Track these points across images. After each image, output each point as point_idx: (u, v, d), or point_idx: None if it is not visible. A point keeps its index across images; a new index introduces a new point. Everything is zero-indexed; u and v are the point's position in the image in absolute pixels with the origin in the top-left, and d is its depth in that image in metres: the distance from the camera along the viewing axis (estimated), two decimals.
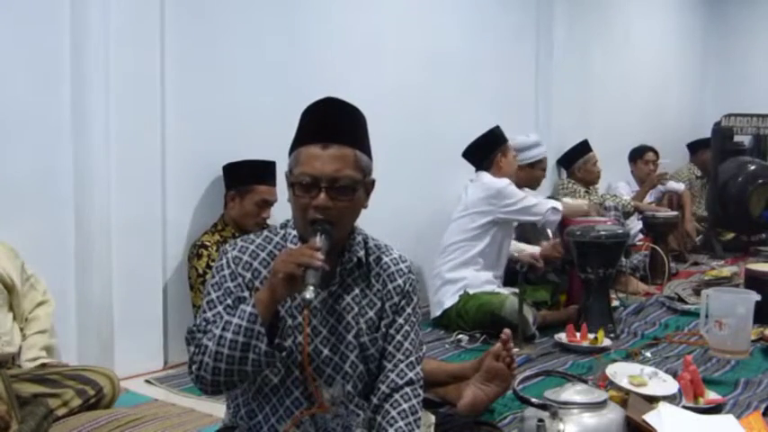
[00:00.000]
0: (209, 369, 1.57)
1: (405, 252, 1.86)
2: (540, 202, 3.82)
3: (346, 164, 1.64)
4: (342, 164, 1.63)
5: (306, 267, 1.51)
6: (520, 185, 4.01)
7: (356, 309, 1.74)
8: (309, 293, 1.50)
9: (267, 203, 3.22)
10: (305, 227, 1.67)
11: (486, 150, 3.90)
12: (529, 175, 4.38)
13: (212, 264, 2.98)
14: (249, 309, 1.55)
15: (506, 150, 3.94)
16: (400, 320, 1.78)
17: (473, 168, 3.97)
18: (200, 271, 3.08)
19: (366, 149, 1.70)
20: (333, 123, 1.66)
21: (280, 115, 3.55)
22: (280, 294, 1.55)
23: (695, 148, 6.79)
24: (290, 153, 1.69)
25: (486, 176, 3.85)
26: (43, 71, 2.83)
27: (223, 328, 1.56)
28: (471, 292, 3.65)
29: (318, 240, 1.58)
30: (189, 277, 3.15)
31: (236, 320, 1.55)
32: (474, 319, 3.57)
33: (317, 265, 1.51)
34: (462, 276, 3.71)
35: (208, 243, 3.14)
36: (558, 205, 3.86)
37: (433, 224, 4.09)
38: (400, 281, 1.79)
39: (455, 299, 3.68)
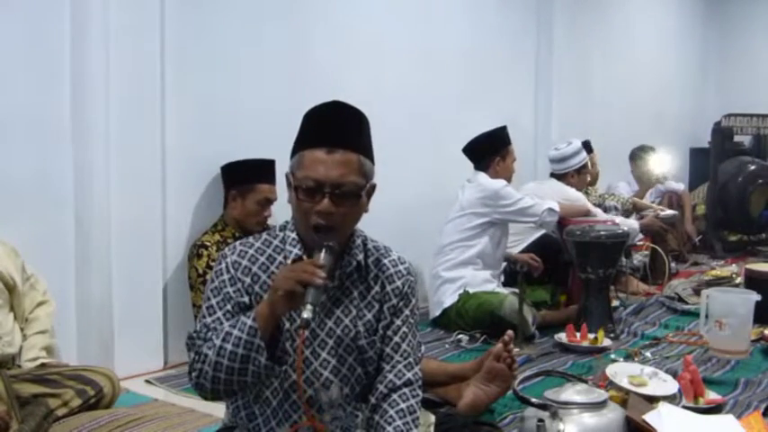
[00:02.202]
0: (208, 378, 1.58)
1: (405, 251, 1.86)
2: (536, 203, 3.81)
3: (351, 169, 1.63)
4: (346, 169, 1.62)
5: (307, 285, 1.50)
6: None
7: (354, 312, 1.73)
8: (307, 313, 1.48)
9: (269, 202, 3.22)
10: (306, 230, 1.66)
11: (485, 151, 3.89)
12: (578, 181, 4.46)
13: (212, 264, 2.98)
14: (249, 322, 1.54)
15: (506, 155, 3.93)
16: (398, 322, 1.77)
17: (472, 167, 3.98)
18: (201, 271, 3.08)
19: (369, 154, 1.69)
20: (338, 128, 1.64)
21: (280, 115, 3.56)
22: (280, 310, 1.54)
23: None
24: (293, 155, 1.68)
25: (483, 177, 3.85)
26: (43, 71, 2.83)
27: (223, 339, 1.56)
28: (471, 290, 3.65)
29: (322, 257, 1.56)
30: (189, 277, 3.15)
31: (236, 332, 1.55)
32: (474, 318, 3.56)
33: (319, 283, 1.50)
34: (461, 275, 3.71)
35: (208, 243, 3.14)
36: (555, 206, 3.85)
37: (434, 224, 4.08)
38: (399, 283, 1.79)
39: (455, 298, 3.68)
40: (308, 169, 1.62)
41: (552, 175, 4.53)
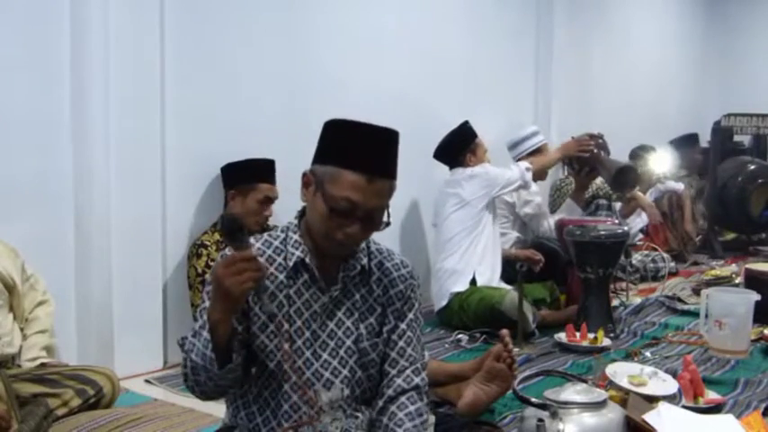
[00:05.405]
0: (191, 381, 1.61)
1: (406, 249, 1.87)
2: (512, 170, 3.93)
3: (385, 196, 1.66)
4: (383, 198, 1.65)
5: (256, 280, 1.50)
6: (534, 179, 4.11)
7: (356, 314, 1.74)
8: (273, 307, 1.62)
9: (269, 200, 3.23)
10: (326, 239, 1.66)
11: (455, 150, 3.99)
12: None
13: (212, 263, 2.99)
14: (205, 333, 1.54)
15: (476, 148, 4.01)
16: (402, 326, 1.78)
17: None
18: (200, 270, 3.08)
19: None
20: (381, 156, 1.64)
21: (280, 115, 3.57)
22: (232, 310, 1.54)
23: None
24: (323, 160, 1.64)
25: (467, 170, 3.91)
26: (43, 71, 2.83)
27: (189, 349, 1.59)
28: (478, 283, 3.70)
29: (246, 246, 1.53)
30: (188, 276, 3.15)
31: (197, 343, 1.57)
32: (475, 312, 3.58)
33: (265, 275, 1.56)
34: (468, 267, 3.74)
35: (207, 243, 3.14)
36: (527, 164, 3.96)
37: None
38: (402, 286, 1.79)
39: (460, 288, 3.71)
40: (345, 191, 1.60)
41: None
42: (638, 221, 5.37)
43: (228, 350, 1.57)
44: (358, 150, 1.62)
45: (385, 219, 1.68)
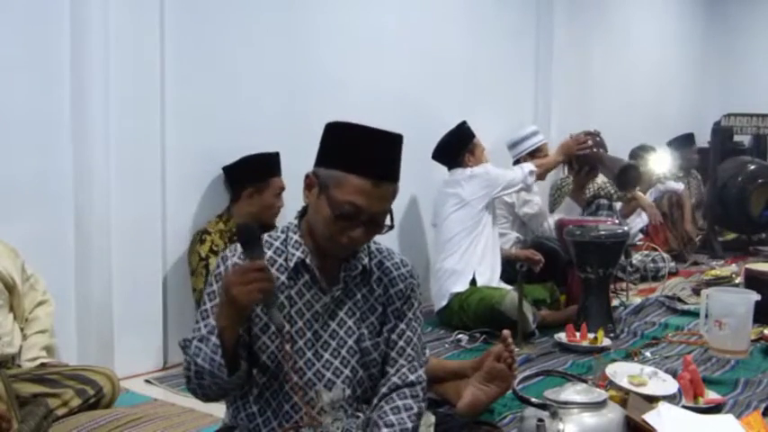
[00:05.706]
0: (194, 385, 1.62)
1: (405, 249, 1.87)
2: (514, 172, 3.94)
3: (389, 200, 1.66)
4: (386, 202, 1.65)
5: (265, 291, 1.52)
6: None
7: (358, 314, 1.74)
8: (282, 320, 1.60)
9: (281, 191, 3.24)
10: (328, 242, 1.66)
11: (454, 150, 4.00)
12: None
13: (215, 248, 3.01)
14: (213, 339, 1.56)
15: (474, 148, 4.02)
16: (402, 325, 1.78)
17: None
18: (203, 255, 3.06)
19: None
20: (387, 161, 1.65)
21: (280, 115, 3.57)
22: (241, 316, 1.57)
23: None
24: (327, 164, 1.64)
25: (466, 171, 3.91)
26: (43, 71, 2.83)
27: (194, 354, 1.59)
28: (478, 283, 3.70)
29: (258, 256, 1.57)
30: (189, 263, 3.14)
31: (204, 348, 1.57)
32: (475, 312, 3.58)
33: (274, 286, 1.55)
34: (468, 267, 3.75)
35: (211, 230, 3.15)
36: (532, 167, 3.96)
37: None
38: (402, 285, 1.79)
39: (460, 289, 3.71)
40: (350, 195, 1.60)
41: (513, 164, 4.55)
42: (638, 221, 5.37)
43: (235, 355, 1.58)
44: (364, 155, 1.62)
45: (388, 222, 1.69)
